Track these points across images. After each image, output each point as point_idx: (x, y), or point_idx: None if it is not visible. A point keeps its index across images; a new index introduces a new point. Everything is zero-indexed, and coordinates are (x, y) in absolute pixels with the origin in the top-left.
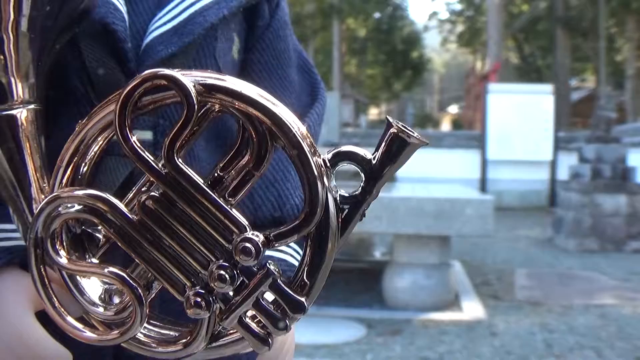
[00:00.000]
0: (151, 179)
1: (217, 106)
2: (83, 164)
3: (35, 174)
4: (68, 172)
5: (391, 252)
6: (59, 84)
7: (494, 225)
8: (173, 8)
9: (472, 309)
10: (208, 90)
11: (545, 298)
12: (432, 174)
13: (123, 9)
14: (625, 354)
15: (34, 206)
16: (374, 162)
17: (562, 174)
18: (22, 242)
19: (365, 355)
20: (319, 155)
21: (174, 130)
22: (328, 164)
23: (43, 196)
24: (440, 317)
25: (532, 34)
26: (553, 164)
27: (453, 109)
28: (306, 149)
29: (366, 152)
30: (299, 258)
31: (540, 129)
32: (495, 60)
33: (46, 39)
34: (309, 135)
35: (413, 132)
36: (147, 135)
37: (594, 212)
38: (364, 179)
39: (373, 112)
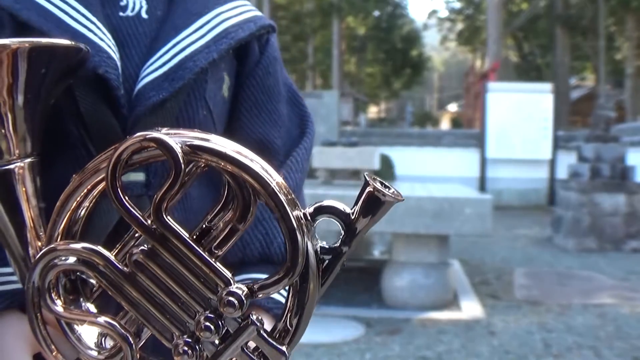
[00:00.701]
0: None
1: (202, 162)
2: (78, 215)
3: (32, 221)
4: (63, 222)
5: (390, 251)
6: (55, 128)
7: (492, 224)
8: (164, 54)
9: (470, 308)
10: (194, 150)
11: (543, 297)
12: (432, 173)
13: (116, 56)
14: (624, 353)
15: (31, 252)
16: (352, 216)
17: (562, 173)
18: (20, 286)
19: (364, 355)
20: (299, 209)
21: (162, 190)
22: (309, 218)
23: (40, 243)
24: (439, 316)
25: (532, 32)
26: (552, 163)
27: (452, 107)
28: (286, 205)
29: (345, 207)
30: (285, 294)
31: (539, 128)
32: (495, 58)
33: (42, 96)
34: (289, 191)
35: (389, 189)
36: (140, 176)
37: (593, 211)
38: (343, 233)
39: (373, 111)
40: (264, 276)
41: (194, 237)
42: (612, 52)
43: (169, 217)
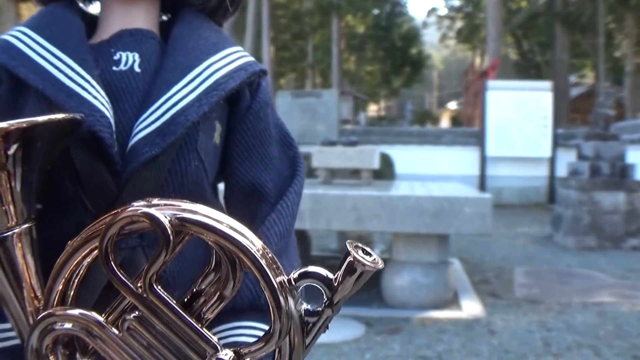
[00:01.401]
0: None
1: (190, 232)
2: (72, 281)
3: (30, 281)
4: (59, 288)
5: (390, 250)
6: (51, 183)
7: (492, 223)
8: (156, 109)
9: (470, 307)
10: (182, 222)
11: (543, 296)
12: (432, 171)
13: (109, 113)
14: (623, 352)
15: (29, 309)
16: (335, 282)
17: (561, 171)
18: (19, 341)
19: (364, 354)
20: (283, 274)
21: (152, 263)
22: (293, 283)
23: (37, 303)
24: (439, 315)
25: (531, 30)
26: (552, 161)
27: (452, 105)
28: (269, 272)
29: (328, 273)
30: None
31: (539, 126)
32: (494, 56)
33: (39, 166)
34: (272, 259)
35: (370, 256)
36: None
37: (593, 209)
38: (326, 297)
39: (372, 109)
40: (254, 324)
41: (185, 300)
42: (612, 49)
43: (159, 287)
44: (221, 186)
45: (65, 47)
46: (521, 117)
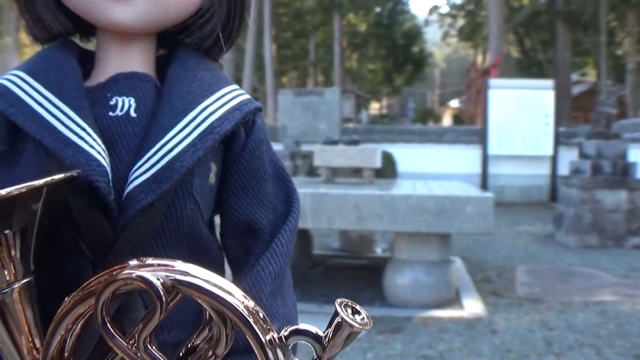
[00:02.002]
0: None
1: (182, 292)
2: (68, 340)
3: (29, 333)
4: (56, 345)
5: (392, 249)
6: (48, 231)
7: (494, 222)
8: (152, 155)
9: (472, 306)
10: (174, 283)
11: (545, 295)
12: (434, 170)
13: (106, 161)
14: (624, 352)
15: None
16: (324, 340)
17: (563, 169)
18: None
19: (366, 354)
20: (273, 331)
21: (146, 323)
22: (284, 340)
23: (36, 354)
24: (441, 314)
25: (533, 28)
26: (554, 159)
27: (454, 103)
28: (258, 331)
29: (318, 331)
30: None
31: (541, 124)
32: (496, 55)
33: (37, 223)
34: (264, 319)
35: (359, 315)
36: None
37: (594, 208)
38: (316, 354)
39: (375, 107)
40: None
41: (180, 354)
42: (614, 47)
43: (153, 348)
44: (217, 218)
45: (62, 93)
46: (523, 115)
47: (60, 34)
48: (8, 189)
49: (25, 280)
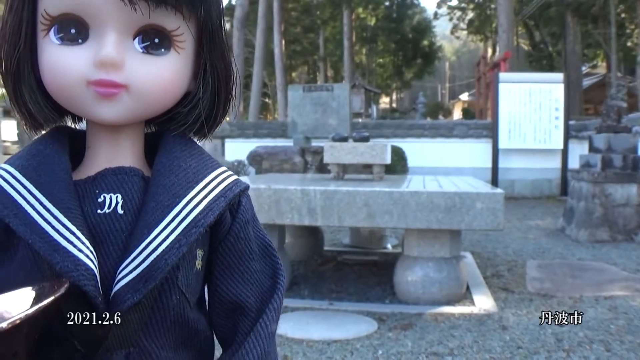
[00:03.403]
0: None
1: None
2: None
3: None
4: None
5: (402, 246)
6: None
7: (504, 218)
8: (138, 255)
9: (482, 302)
10: None
11: (555, 290)
12: (444, 164)
13: (94, 263)
14: (634, 348)
15: None
16: None
17: (574, 163)
18: None
19: (376, 351)
20: None
21: None
22: None
23: None
24: (451, 310)
25: (543, 20)
26: (564, 153)
27: (464, 96)
28: None
29: None
30: None
31: (551, 118)
32: (506, 48)
33: (32, 335)
34: None
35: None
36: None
37: (605, 202)
38: None
39: (385, 101)
40: None
41: None
42: (624, 39)
43: None
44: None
45: (52, 195)
46: (533, 109)
47: (52, 121)
48: (6, 321)
49: None
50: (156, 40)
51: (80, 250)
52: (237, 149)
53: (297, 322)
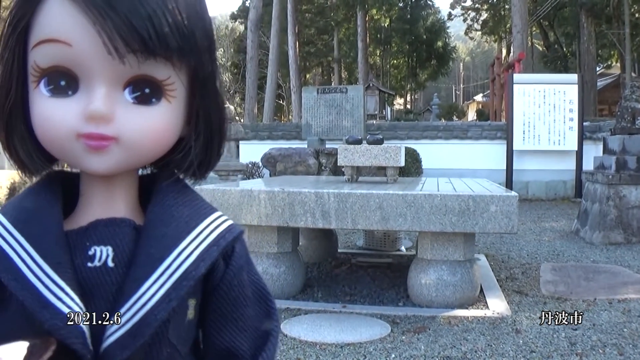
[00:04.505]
0: None
1: None
2: None
3: None
4: None
5: (416, 248)
6: None
7: (518, 221)
8: (127, 310)
9: (496, 305)
10: None
11: (569, 293)
12: (458, 166)
13: (83, 319)
14: None
15: None
16: None
17: (588, 164)
18: None
19: (389, 354)
20: None
21: None
22: None
23: None
24: (465, 314)
25: (557, 20)
26: (579, 154)
27: (479, 97)
28: None
29: None
30: None
31: (565, 119)
32: (520, 48)
33: None
34: None
35: None
36: None
37: (619, 204)
38: None
39: (399, 102)
40: None
41: None
42: (638, 39)
43: None
44: None
45: (42, 249)
46: (547, 110)
47: (44, 170)
48: None
49: None
50: (147, 91)
51: (69, 307)
52: (252, 151)
53: (310, 325)
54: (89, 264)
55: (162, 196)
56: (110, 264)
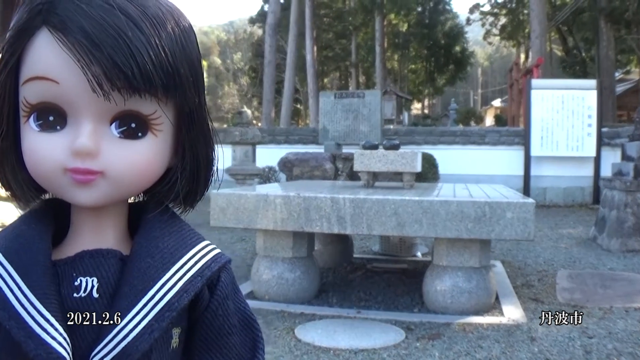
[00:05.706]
0: None
1: None
2: None
3: None
4: None
5: (431, 255)
6: None
7: (535, 227)
8: (110, 341)
9: (512, 312)
10: None
11: (585, 301)
12: (475, 171)
13: (67, 350)
14: None
15: None
16: None
17: (606, 171)
18: None
19: None
20: None
21: None
22: None
23: None
24: (480, 320)
25: (576, 26)
26: (597, 161)
27: (497, 102)
28: None
29: None
30: None
31: (584, 125)
32: (539, 54)
33: None
34: None
35: None
36: None
37: (637, 211)
38: None
39: (416, 107)
40: None
41: None
42: None
43: None
44: None
45: (30, 279)
46: (565, 116)
47: (35, 200)
48: None
49: None
50: (133, 125)
51: (53, 338)
52: (268, 155)
53: (324, 331)
54: (75, 295)
55: (149, 227)
56: (95, 294)
